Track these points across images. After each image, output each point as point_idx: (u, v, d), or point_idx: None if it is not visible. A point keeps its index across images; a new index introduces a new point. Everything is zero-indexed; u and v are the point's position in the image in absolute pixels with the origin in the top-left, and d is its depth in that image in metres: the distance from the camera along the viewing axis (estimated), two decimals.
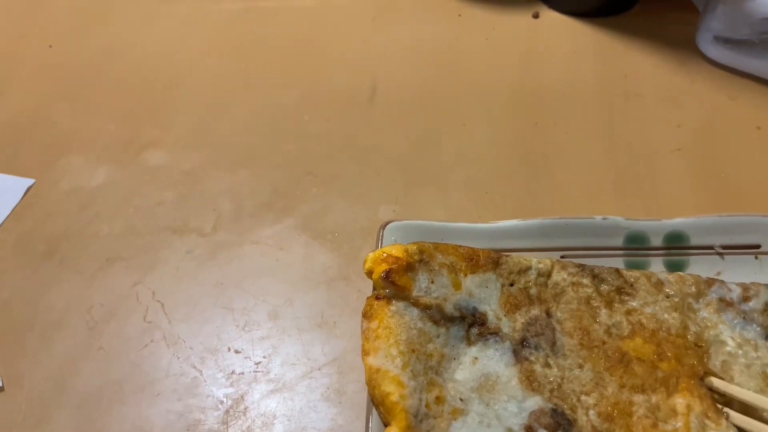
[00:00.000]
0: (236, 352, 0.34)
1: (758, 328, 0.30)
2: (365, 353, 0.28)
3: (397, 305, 0.29)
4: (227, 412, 0.32)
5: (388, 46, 0.52)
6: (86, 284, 0.38)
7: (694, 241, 0.33)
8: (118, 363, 0.34)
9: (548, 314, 0.30)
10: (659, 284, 0.31)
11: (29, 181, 0.43)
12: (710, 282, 0.31)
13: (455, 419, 0.26)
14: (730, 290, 0.31)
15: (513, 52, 0.51)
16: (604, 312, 0.30)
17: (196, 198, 0.42)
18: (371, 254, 0.30)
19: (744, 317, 0.30)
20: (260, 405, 0.32)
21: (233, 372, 0.34)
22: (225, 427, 0.32)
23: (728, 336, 0.30)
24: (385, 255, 0.30)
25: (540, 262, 0.31)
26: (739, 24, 0.46)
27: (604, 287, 0.31)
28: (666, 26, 0.51)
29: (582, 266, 0.31)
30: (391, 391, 0.26)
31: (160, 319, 0.36)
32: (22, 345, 0.35)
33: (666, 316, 0.30)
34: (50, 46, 0.54)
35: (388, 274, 0.29)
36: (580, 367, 0.28)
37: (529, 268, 0.31)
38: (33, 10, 0.57)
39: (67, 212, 0.41)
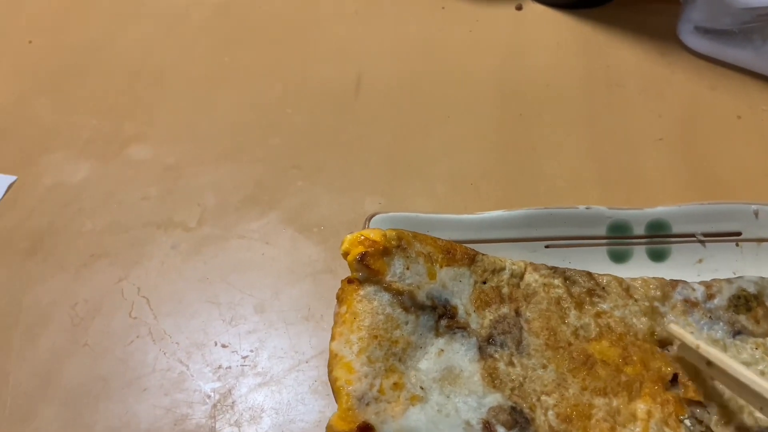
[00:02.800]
0: (223, 346, 0.34)
1: (725, 326, 0.30)
2: (332, 338, 0.28)
3: (366, 290, 0.29)
4: (215, 406, 0.32)
5: (371, 39, 0.52)
6: (71, 280, 0.37)
7: (676, 229, 0.34)
8: (103, 359, 0.34)
9: (517, 313, 0.30)
10: (628, 289, 0.31)
11: (11, 178, 0.43)
12: (674, 284, 0.31)
13: (413, 405, 0.27)
14: (693, 290, 0.31)
15: (497, 44, 0.51)
16: (573, 313, 0.30)
17: (180, 192, 0.42)
18: (349, 236, 0.30)
19: (710, 317, 0.30)
20: (248, 398, 0.32)
21: (220, 366, 0.34)
22: (212, 421, 0.31)
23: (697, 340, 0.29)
24: (362, 237, 0.30)
25: (514, 264, 0.31)
26: (720, 14, 0.47)
27: (575, 289, 0.31)
28: (647, 17, 0.51)
29: (554, 268, 0.31)
30: (339, 376, 0.27)
31: (145, 315, 0.36)
32: (7, 342, 0.35)
33: (635, 320, 0.30)
34: (30, 42, 0.53)
35: (363, 256, 0.29)
36: (544, 367, 0.28)
37: (503, 269, 0.31)
38: (11, 6, 0.57)
39: (51, 208, 0.41)
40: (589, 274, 0.31)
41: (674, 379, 0.28)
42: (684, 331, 0.28)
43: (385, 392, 0.27)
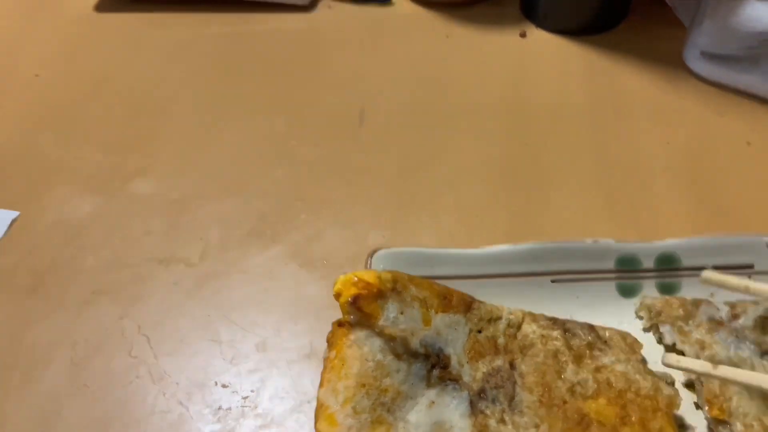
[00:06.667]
0: (223, 386, 0.34)
1: (752, 346, 0.29)
2: (320, 384, 0.28)
3: (357, 334, 0.28)
4: None
5: (375, 69, 0.52)
6: (71, 319, 0.37)
7: (686, 262, 0.33)
8: (103, 401, 0.33)
9: (512, 366, 0.29)
10: (634, 344, 0.30)
11: (14, 213, 0.42)
12: (697, 302, 0.31)
13: None
14: (718, 309, 0.31)
15: (501, 71, 0.51)
16: (570, 368, 0.29)
17: (183, 227, 0.42)
18: (342, 276, 0.29)
19: (736, 335, 0.29)
20: None
21: (220, 407, 0.33)
22: None
23: (724, 356, 0.29)
24: (356, 279, 0.29)
25: (511, 313, 0.31)
26: (726, 39, 0.46)
27: (575, 341, 0.30)
28: (653, 43, 0.51)
29: (554, 319, 0.30)
30: (322, 429, 0.26)
31: (145, 354, 0.35)
32: (5, 382, 0.34)
33: (638, 376, 0.29)
34: (36, 76, 0.53)
35: (356, 299, 0.28)
36: (536, 426, 0.27)
37: (499, 318, 0.30)
38: (19, 40, 0.57)
39: (53, 244, 0.41)
40: (591, 327, 0.30)
41: None
42: (684, 360, 0.28)
43: None
